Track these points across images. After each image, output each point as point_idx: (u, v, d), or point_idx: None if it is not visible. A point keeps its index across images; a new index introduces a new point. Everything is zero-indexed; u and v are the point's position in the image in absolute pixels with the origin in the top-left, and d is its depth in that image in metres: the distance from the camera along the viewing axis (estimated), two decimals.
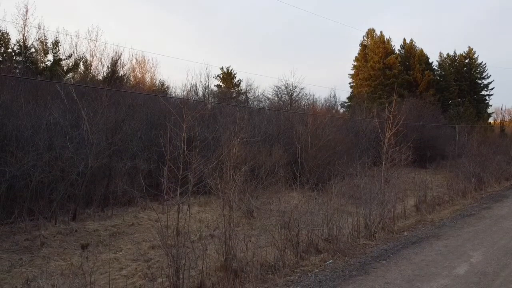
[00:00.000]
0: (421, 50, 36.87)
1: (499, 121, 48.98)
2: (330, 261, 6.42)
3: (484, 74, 40.93)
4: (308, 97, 25.18)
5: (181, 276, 5.67)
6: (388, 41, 35.61)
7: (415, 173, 18.07)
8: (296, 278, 5.71)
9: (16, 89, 12.16)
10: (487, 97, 41.67)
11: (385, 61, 34.20)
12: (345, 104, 37.11)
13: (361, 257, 6.65)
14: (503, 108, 49.24)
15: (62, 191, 9.17)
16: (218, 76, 29.80)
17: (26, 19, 18.41)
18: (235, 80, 29.99)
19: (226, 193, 6.52)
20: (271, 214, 10.56)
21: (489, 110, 43.37)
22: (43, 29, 19.41)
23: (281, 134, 14.92)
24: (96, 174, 10.35)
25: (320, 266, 6.25)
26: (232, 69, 29.83)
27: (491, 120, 45.84)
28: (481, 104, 40.73)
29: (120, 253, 7.68)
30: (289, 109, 21.24)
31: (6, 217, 8.91)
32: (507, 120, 54.51)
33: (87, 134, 9.90)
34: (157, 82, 25.75)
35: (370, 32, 37.40)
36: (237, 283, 5.78)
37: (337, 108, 29.77)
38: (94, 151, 9.45)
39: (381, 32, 36.24)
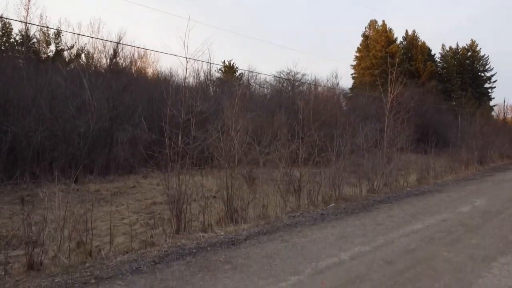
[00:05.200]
0: (423, 42, 36.82)
1: (501, 116, 48.56)
2: (332, 204, 6.38)
3: (487, 66, 40.80)
4: (309, 81, 25.04)
5: (183, 226, 5.58)
6: (390, 30, 35.59)
7: (417, 156, 17.96)
8: (299, 214, 5.68)
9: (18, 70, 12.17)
10: (489, 90, 41.50)
11: (387, 49, 34.13)
12: (347, 95, 37.00)
13: (364, 202, 6.61)
14: (506, 103, 48.88)
15: (64, 153, 9.15)
16: (219, 70, 29.75)
17: (28, 9, 18.39)
18: (237, 74, 29.92)
19: (228, 145, 6.48)
20: (272, 183, 10.49)
21: (491, 103, 43.17)
22: (45, 19, 19.39)
23: (283, 109, 14.87)
24: (98, 141, 10.34)
25: (323, 208, 6.21)
26: (233, 63, 29.79)
27: (493, 113, 45.52)
28: (483, 97, 40.54)
29: (122, 206, 7.66)
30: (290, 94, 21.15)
31: (9, 178, 8.90)
32: (510, 117, 54.00)
33: (89, 100, 9.91)
34: (159, 77, 25.73)
35: (372, 23, 37.37)
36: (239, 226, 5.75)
37: (339, 88, 29.32)
38: (96, 115, 9.46)
39: (383, 21, 36.26)
